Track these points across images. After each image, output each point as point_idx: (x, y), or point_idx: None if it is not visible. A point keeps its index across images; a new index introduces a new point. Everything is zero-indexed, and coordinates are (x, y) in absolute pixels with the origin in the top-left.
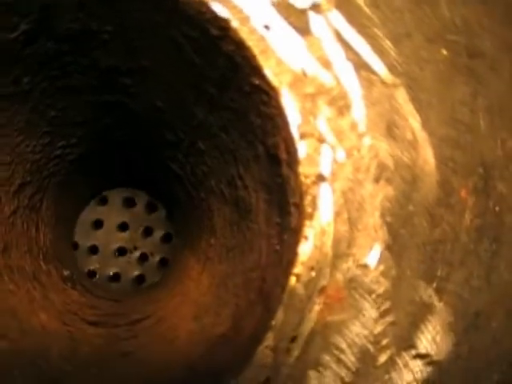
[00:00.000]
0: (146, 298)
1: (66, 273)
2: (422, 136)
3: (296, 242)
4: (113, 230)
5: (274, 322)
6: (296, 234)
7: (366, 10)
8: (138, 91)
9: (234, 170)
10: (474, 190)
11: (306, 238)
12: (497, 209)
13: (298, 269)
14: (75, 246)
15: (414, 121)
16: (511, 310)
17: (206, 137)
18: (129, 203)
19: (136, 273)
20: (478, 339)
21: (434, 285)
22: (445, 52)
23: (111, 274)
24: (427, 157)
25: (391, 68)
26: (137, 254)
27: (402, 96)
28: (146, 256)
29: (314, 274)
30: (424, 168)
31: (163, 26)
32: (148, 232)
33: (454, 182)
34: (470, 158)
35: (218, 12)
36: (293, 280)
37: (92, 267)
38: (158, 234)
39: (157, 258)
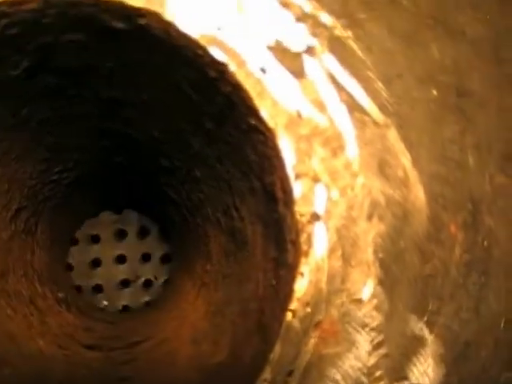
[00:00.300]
0: (142, 320)
1: (60, 295)
2: (412, 174)
3: (292, 279)
4: (111, 264)
5: (271, 356)
6: (292, 271)
7: (359, 53)
8: (136, 121)
9: (229, 199)
10: (463, 225)
11: (301, 274)
12: (485, 243)
13: (294, 304)
14: (78, 288)
15: (405, 159)
16: (499, 339)
17: (202, 166)
18: (120, 235)
19: (144, 300)
20: (467, 369)
21: (425, 318)
22: (435, 92)
23: (120, 307)
24: (418, 194)
25: (383, 109)
26: (141, 281)
27: (393, 135)
28: (150, 281)
29: (309, 309)
30: (415, 204)
31: (162, 66)
32: (146, 258)
33: (444, 218)
34: (459, 194)
35: (216, 55)
36: (289, 315)
37: (101, 305)
38: (156, 257)
39: (161, 281)
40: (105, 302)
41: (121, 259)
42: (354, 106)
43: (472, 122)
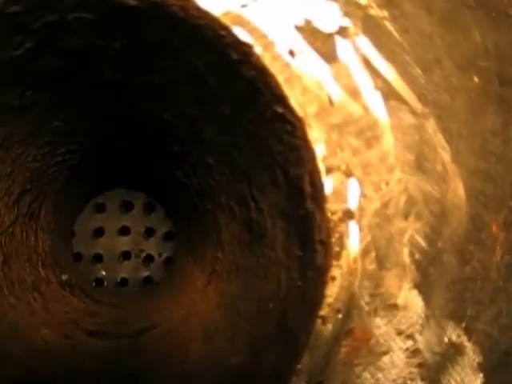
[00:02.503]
0: (148, 304)
1: (64, 277)
2: (452, 168)
3: (322, 283)
4: (114, 235)
5: (299, 366)
6: (322, 274)
7: (395, 34)
8: (144, 105)
9: (246, 189)
10: (504, 224)
11: (333, 278)
12: None
13: (324, 311)
14: (78, 256)
15: (444, 152)
16: None
17: (216, 153)
18: (126, 207)
19: (143, 275)
20: (507, 378)
21: (464, 324)
22: (476, 79)
23: (119, 280)
24: (457, 190)
25: (421, 97)
26: (142, 255)
27: (431, 126)
28: (152, 257)
29: (340, 315)
30: (454, 202)
31: (177, 47)
32: (149, 233)
33: (485, 216)
34: (501, 191)
35: (240, 36)
36: (319, 322)
37: (99, 275)
38: (160, 232)
39: (162, 258)
40: (103, 273)
41: (124, 231)
42: (389, 93)
43: None
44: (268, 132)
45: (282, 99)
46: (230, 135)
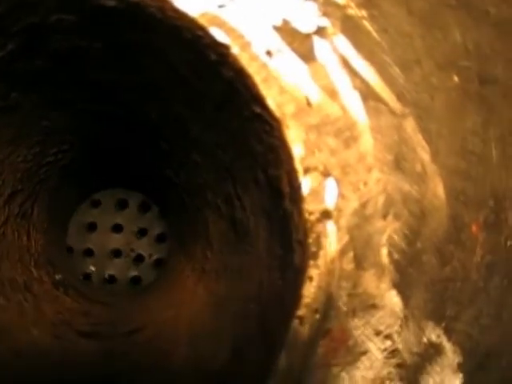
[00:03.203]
0: (140, 303)
1: (57, 277)
2: (431, 168)
3: (300, 283)
4: (107, 232)
5: (276, 367)
6: (300, 274)
7: (374, 34)
8: (131, 104)
9: (230, 188)
10: (485, 224)
11: (310, 278)
12: (508, 243)
13: (301, 311)
14: (70, 249)
15: (424, 152)
16: None
17: (202, 151)
18: (121, 205)
19: (132, 274)
20: (486, 379)
21: (443, 324)
22: (456, 79)
23: (107, 276)
24: (437, 190)
25: (400, 96)
26: (132, 255)
27: (410, 126)
28: (142, 257)
29: (318, 316)
30: (433, 202)
31: (158, 47)
32: (142, 233)
33: (465, 216)
34: (481, 191)
35: (217, 37)
36: (296, 322)
37: (88, 270)
38: (152, 233)
39: (153, 259)
40: (92, 268)
41: (117, 228)
42: (368, 94)
43: (495, 112)
44: (248, 132)
45: (259, 100)
46: (214, 134)
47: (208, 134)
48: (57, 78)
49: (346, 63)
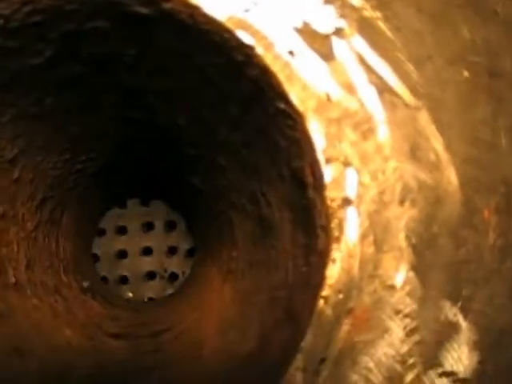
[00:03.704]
0: (168, 307)
1: (85, 284)
2: (445, 157)
3: (324, 265)
4: (137, 256)
5: (303, 344)
6: (323, 257)
7: (388, 33)
8: (160, 109)
9: (256, 186)
10: (496, 209)
11: (333, 261)
12: None
13: (325, 291)
14: (104, 278)
15: (437, 142)
16: None
17: (228, 153)
18: (147, 227)
19: (169, 292)
20: (502, 356)
21: (459, 304)
22: (466, 73)
23: (146, 299)
24: (451, 177)
25: (413, 90)
26: (167, 274)
27: (424, 118)
28: (176, 274)
29: (341, 296)
30: (447, 189)
31: (188, 51)
32: (172, 251)
33: (477, 202)
34: (492, 177)
35: (243, 39)
36: (321, 302)
37: (126, 297)
38: (182, 250)
39: (186, 274)
40: (130, 294)
41: (147, 251)
42: (383, 88)
43: (504, 102)
44: (273, 128)
45: (283, 96)
46: (240, 134)
47: (235, 135)
48: (90, 83)
49: (362, 61)
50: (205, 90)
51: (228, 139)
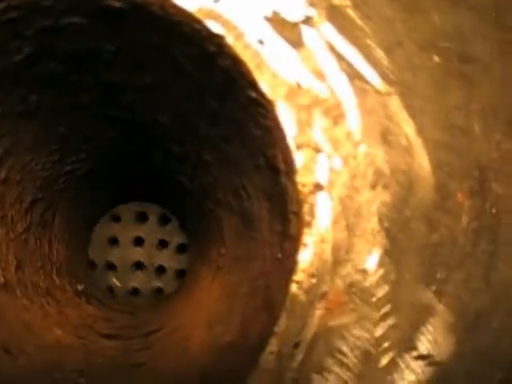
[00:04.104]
0: (161, 309)
1: (80, 287)
2: (416, 142)
3: (296, 250)
4: (128, 245)
5: (277, 329)
6: (295, 242)
7: (358, 21)
8: (140, 106)
9: (237, 180)
10: (470, 192)
11: (305, 245)
12: (493, 210)
13: (298, 276)
14: (92, 264)
15: (409, 127)
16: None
17: (211, 148)
18: (141, 218)
19: (155, 285)
20: (479, 339)
21: (434, 287)
22: (437, 58)
23: (130, 288)
24: (423, 162)
25: (384, 77)
26: (154, 267)
27: (395, 104)
28: (164, 268)
29: (314, 280)
30: (420, 173)
31: (161, 45)
32: (163, 244)
33: (451, 186)
34: (466, 162)
35: (213, 29)
36: (294, 287)
37: (111, 283)
38: (173, 245)
39: (174, 270)
40: (116, 281)
41: (138, 241)
42: (354, 75)
43: (476, 87)
44: (246, 118)
45: (254, 84)
46: (219, 127)
47: (214, 129)
48: (70, 80)
49: (332, 48)
50: (180, 82)
51: (209, 134)
